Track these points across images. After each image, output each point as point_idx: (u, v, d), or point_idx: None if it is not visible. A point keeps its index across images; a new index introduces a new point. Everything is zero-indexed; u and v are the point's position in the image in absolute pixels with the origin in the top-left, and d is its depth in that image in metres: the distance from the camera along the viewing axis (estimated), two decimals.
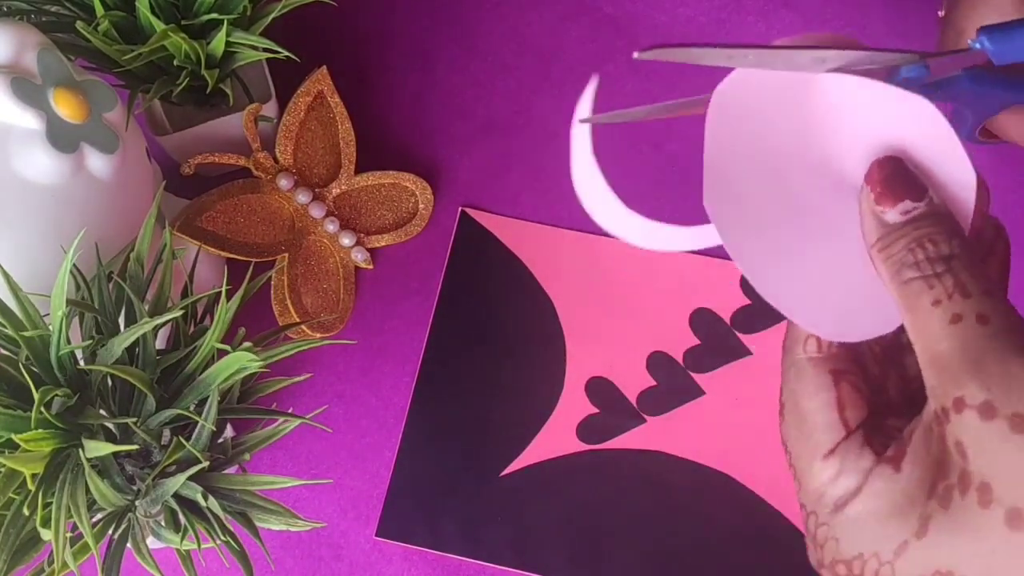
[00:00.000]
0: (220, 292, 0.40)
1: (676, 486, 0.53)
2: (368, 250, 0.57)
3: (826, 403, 0.26)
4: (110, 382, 0.40)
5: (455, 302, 0.57)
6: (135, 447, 0.36)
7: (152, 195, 0.47)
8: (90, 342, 0.38)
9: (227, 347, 0.38)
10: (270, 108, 0.55)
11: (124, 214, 0.44)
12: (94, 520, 0.38)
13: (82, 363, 0.38)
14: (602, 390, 0.55)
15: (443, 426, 0.55)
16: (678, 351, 0.55)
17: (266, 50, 0.49)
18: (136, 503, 0.39)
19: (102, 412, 0.39)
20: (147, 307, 0.40)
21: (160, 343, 0.46)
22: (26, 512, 0.36)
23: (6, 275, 0.37)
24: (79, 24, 0.45)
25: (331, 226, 0.56)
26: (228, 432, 0.49)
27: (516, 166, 0.60)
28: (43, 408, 0.35)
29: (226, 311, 0.40)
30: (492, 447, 0.54)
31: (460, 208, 0.58)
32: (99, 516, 0.38)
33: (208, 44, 0.48)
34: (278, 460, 0.55)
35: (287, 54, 0.49)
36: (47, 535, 0.36)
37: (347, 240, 0.57)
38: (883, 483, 0.24)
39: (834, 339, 0.26)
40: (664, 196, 0.44)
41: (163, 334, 0.47)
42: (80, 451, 0.36)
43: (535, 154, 0.60)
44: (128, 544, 0.39)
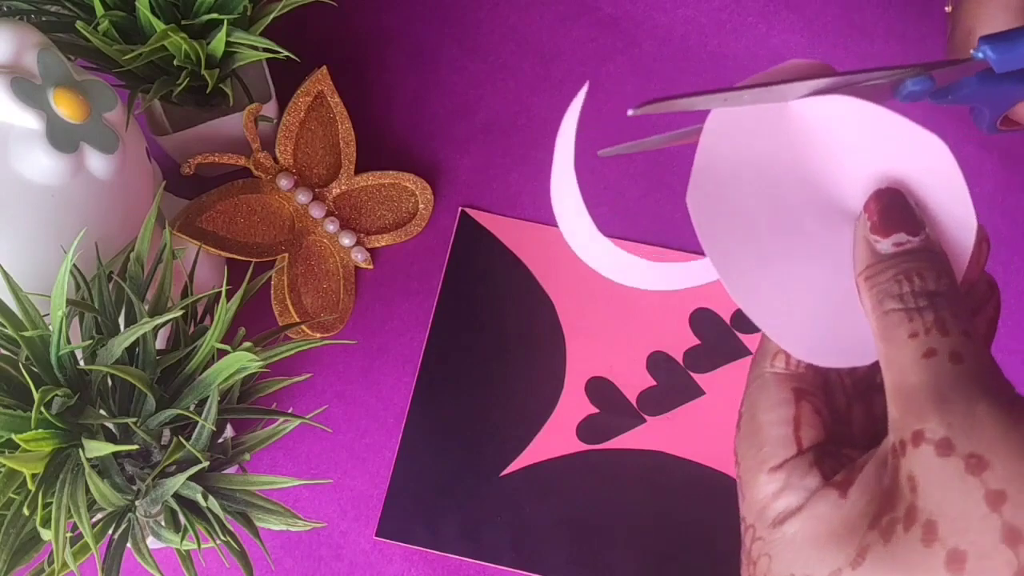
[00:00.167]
0: (220, 292, 0.40)
1: (676, 486, 0.53)
2: (368, 250, 0.57)
3: (783, 418, 0.26)
4: (110, 382, 0.40)
5: (455, 302, 0.57)
6: (135, 447, 0.36)
7: (152, 195, 0.47)
8: (90, 342, 0.38)
9: (227, 347, 0.38)
10: (270, 108, 0.55)
11: (124, 214, 0.44)
12: (94, 520, 0.38)
13: (82, 363, 0.38)
14: (602, 390, 0.55)
15: (443, 426, 0.54)
16: (678, 351, 0.55)
17: (266, 50, 0.49)
18: (136, 503, 0.39)
19: (102, 412, 0.39)
20: (147, 307, 0.40)
21: (160, 343, 0.46)
22: (26, 512, 0.36)
23: (6, 275, 0.37)
24: (79, 24, 0.45)
25: (331, 226, 0.56)
26: (228, 432, 0.49)
27: (516, 166, 0.60)
28: (43, 408, 0.35)
29: (226, 311, 0.40)
30: (492, 447, 0.54)
31: (460, 208, 0.58)
32: (99, 516, 0.38)
33: (208, 44, 0.48)
34: (278, 460, 0.55)
35: (287, 54, 0.49)
36: (47, 535, 0.36)
37: (347, 240, 0.57)
38: (826, 507, 0.24)
39: (803, 359, 0.26)
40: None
41: (163, 334, 0.47)
42: (80, 451, 0.36)
43: (535, 154, 0.60)
44: (128, 544, 0.39)
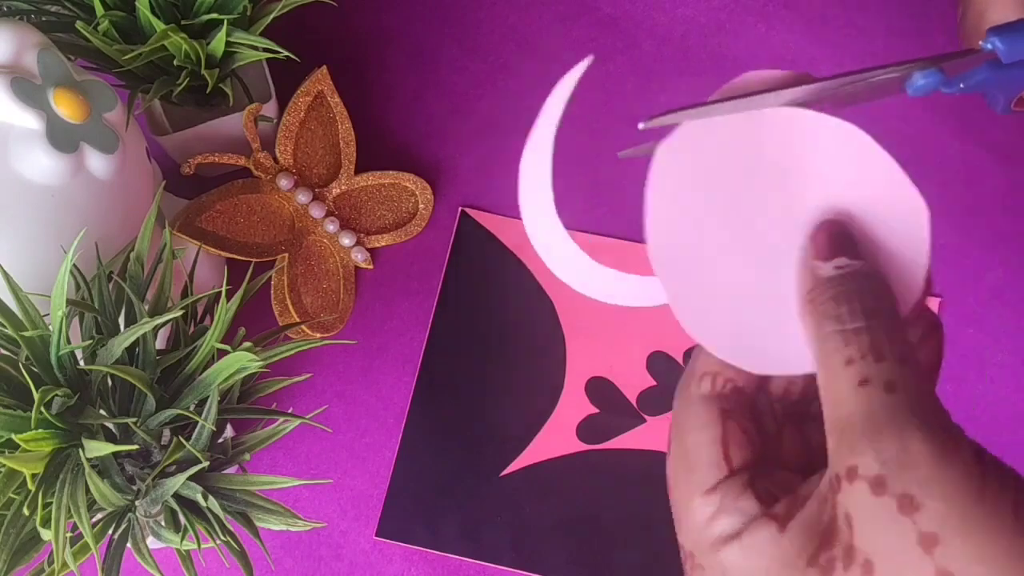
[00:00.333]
0: (220, 292, 0.40)
1: None
2: (368, 250, 0.57)
3: (711, 439, 0.25)
4: (110, 382, 0.40)
5: (455, 302, 0.57)
6: (135, 447, 0.36)
7: (152, 195, 0.47)
8: (90, 342, 0.38)
9: (227, 347, 0.38)
10: (270, 108, 0.55)
11: (124, 214, 0.44)
12: (94, 520, 0.38)
13: (82, 363, 0.38)
14: (602, 390, 0.55)
15: (443, 426, 0.54)
16: (678, 351, 0.55)
17: (266, 50, 0.49)
18: (136, 503, 0.39)
19: (102, 412, 0.39)
20: (147, 307, 0.40)
21: (160, 343, 0.46)
22: (26, 512, 0.36)
23: (6, 275, 0.37)
24: (79, 24, 0.45)
25: (331, 226, 0.56)
26: (228, 432, 0.49)
27: (516, 166, 0.59)
28: (43, 408, 0.35)
29: (226, 311, 0.40)
30: (492, 447, 0.54)
31: (460, 208, 0.58)
32: (99, 516, 0.38)
33: (208, 44, 0.48)
34: (278, 460, 0.55)
35: (287, 54, 0.49)
36: (47, 535, 0.36)
37: (347, 240, 0.57)
38: (764, 541, 0.23)
39: (724, 359, 0.26)
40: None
41: (163, 334, 0.47)
42: (80, 451, 0.36)
43: None
44: (128, 544, 0.39)
